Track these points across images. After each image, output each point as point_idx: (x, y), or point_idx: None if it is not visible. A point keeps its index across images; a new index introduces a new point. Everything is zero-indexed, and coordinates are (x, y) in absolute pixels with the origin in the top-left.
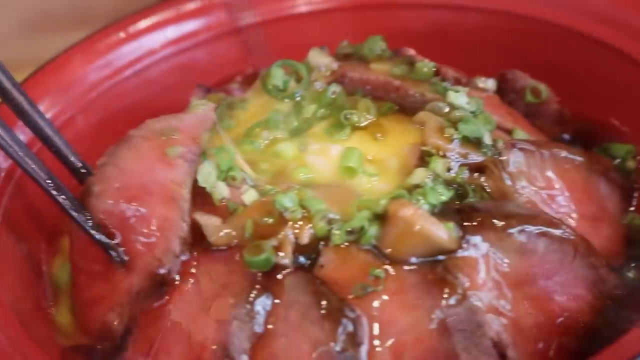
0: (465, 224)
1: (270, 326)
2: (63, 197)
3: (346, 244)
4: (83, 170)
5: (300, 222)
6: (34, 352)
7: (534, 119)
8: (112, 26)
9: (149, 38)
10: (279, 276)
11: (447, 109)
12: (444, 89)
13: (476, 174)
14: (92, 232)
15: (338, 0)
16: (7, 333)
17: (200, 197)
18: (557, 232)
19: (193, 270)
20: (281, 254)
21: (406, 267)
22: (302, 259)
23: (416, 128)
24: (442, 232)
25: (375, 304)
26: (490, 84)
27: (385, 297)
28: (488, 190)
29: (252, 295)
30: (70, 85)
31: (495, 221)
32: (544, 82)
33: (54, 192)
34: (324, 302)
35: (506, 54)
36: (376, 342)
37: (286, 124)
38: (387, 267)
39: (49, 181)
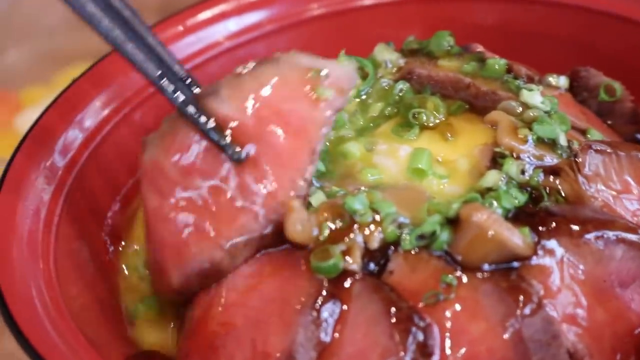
0: (540, 229)
1: (337, 335)
2: (178, 93)
3: (416, 249)
4: (188, 81)
5: (370, 226)
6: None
7: (606, 118)
8: (170, 19)
9: (208, 31)
10: (347, 282)
11: (520, 109)
12: (517, 88)
13: (551, 177)
14: (208, 128)
15: None
16: (68, 341)
17: None
18: (634, 237)
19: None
20: (349, 259)
21: (479, 275)
22: (371, 265)
23: (487, 128)
24: (517, 238)
25: (447, 312)
26: (562, 81)
27: (457, 306)
28: (563, 194)
29: (319, 301)
30: (128, 80)
31: (571, 226)
32: (615, 79)
33: (166, 86)
34: (393, 310)
35: (576, 49)
36: (448, 352)
37: (352, 123)
38: (459, 274)
39: (161, 76)
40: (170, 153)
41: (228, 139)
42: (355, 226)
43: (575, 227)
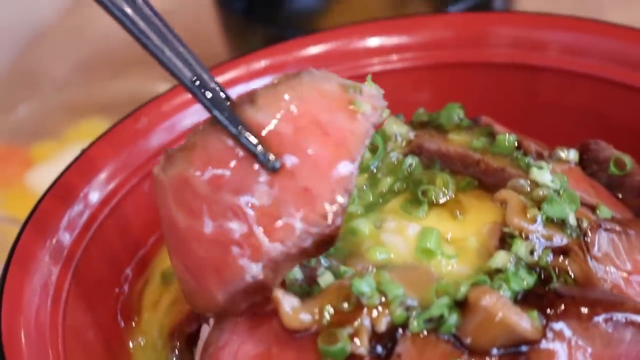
0: (548, 311)
1: None
2: (209, 96)
3: (424, 332)
4: (217, 89)
5: (378, 308)
6: None
7: (616, 191)
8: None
9: None
10: None
11: (529, 187)
12: (527, 165)
13: (560, 257)
14: (243, 137)
15: (413, 60)
16: None
17: None
18: None
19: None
20: (357, 342)
21: (487, 359)
22: (378, 348)
23: (496, 206)
24: (525, 322)
25: None
26: (572, 155)
27: None
28: (572, 275)
29: None
30: (136, 149)
31: (580, 308)
32: (625, 150)
33: (201, 92)
34: None
35: (585, 119)
36: None
37: (361, 199)
38: (467, 358)
39: (195, 82)
40: (200, 166)
41: (263, 147)
42: (364, 309)
43: (584, 310)
